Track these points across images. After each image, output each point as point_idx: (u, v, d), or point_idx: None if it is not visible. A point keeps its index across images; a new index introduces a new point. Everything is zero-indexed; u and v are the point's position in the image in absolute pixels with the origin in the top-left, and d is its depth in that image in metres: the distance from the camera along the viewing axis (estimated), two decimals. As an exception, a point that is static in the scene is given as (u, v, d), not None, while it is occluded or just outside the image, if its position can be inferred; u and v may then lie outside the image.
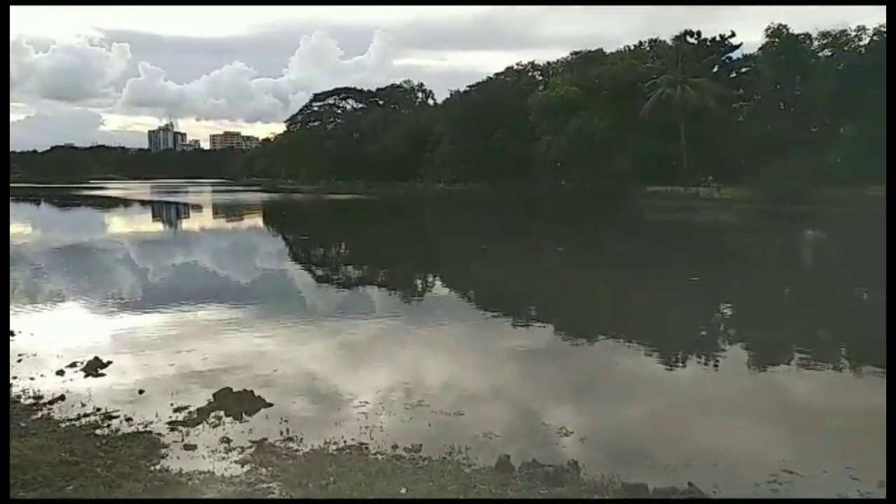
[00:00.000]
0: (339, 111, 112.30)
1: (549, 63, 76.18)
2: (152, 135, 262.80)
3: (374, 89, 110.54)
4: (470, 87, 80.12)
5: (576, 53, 72.04)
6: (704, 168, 55.44)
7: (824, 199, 43.04)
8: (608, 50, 70.99)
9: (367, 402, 8.06)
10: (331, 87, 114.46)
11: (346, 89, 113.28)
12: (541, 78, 74.67)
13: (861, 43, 49.69)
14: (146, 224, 46.25)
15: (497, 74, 79.60)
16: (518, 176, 67.58)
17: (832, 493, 5.87)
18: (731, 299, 16.49)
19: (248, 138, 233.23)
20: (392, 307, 15.25)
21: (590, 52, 70.65)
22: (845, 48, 49.99)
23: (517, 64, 78.87)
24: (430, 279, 20.34)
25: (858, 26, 49.65)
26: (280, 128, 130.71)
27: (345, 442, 6.81)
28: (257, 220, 49.80)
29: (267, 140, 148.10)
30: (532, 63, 78.29)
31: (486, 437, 7.01)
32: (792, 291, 18.31)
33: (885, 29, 48.39)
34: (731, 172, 52.85)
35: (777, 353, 11.03)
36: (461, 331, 12.66)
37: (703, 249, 27.64)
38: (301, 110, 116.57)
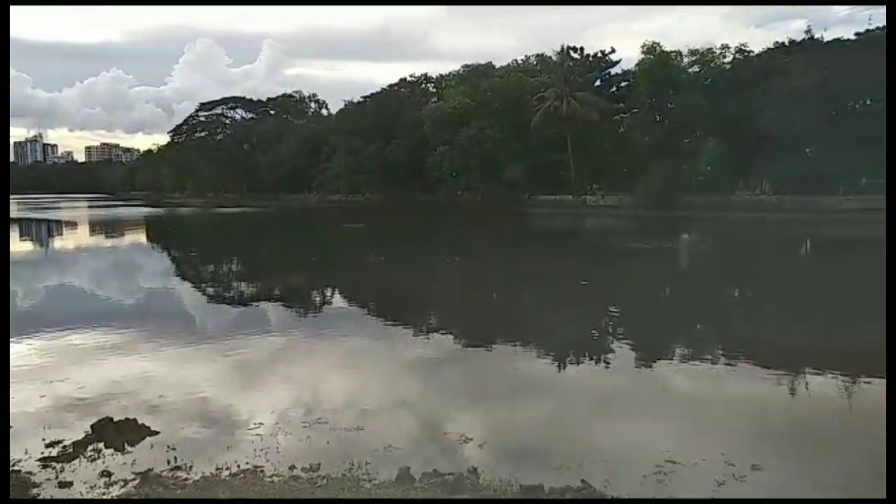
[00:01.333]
0: (227, 121, 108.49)
1: (441, 75, 77.64)
2: (19, 147, 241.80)
3: (264, 99, 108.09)
4: (364, 97, 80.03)
5: (467, 66, 73.75)
6: (591, 177, 58.64)
7: (697, 205, 46.88)
8: (498, 64, 73.21)
9: (262, 423, 7.79)
10: (218, 97, 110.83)
11: (234, 98, 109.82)
12: (434, 90, 75.77)
13: (725, 60, 54.68)
14: (12, 244, 42.35)
15: (391, 85, 79.86)
16: (415, 186, 68.13)
17: (710, 478, 6.29)
18: (618, 301, 17.37)
19: (129, 150, 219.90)
20: (287, 322, 14.86)
21: (480, 65, 72.50)
22: (711, 65, 54.56)
23: (411, 76, 79.72)
24: (326, 292, 20.02)
25: (723, 45, 55.09)
26: (164, 139, 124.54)
27: (238, 466, 6.54)
28: (140, 237, 46.98)
29: (149, 151, 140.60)
30: (425, 75, 79.45)
31: (386, 451, 6.96)
32: (671, 292, 19.58)
33: (746, 48, 53.71)
34: (614, 181, 56.15)
35: (659, 352, 11.78)
36: (358, 343, 12.52)
37: (590, 254, 29.01)
38: (186, 120, 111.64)
